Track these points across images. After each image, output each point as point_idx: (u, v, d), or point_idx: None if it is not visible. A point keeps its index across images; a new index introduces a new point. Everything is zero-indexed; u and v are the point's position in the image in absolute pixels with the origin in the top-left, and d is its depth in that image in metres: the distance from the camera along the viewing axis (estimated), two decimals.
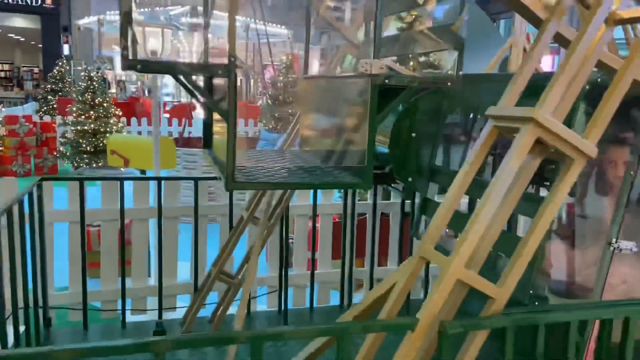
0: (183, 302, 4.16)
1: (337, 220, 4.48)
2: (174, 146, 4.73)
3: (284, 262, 3.85)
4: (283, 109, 10.65)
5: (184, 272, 4.09)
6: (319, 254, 4.35)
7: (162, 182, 3.49)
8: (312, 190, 3.97)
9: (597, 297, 2.07)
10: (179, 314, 4.02)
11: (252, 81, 21.10)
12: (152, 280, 4.10)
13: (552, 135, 1.36)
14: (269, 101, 11.38)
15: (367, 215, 4.30)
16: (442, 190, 3.60)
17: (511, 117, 1.42)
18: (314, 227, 3.88)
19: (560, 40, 1.57)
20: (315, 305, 4.19)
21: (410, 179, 3.19)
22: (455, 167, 3.19)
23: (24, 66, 28.96)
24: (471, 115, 3.07)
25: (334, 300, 4.39)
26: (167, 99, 16.00)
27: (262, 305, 4.15)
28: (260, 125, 12.72)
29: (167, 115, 14.53)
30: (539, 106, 1.36)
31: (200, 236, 3.81)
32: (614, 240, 2.10)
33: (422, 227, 3.54)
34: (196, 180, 3.52)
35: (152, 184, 3.79)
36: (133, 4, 1.57)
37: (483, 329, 1.38)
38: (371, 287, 4.17)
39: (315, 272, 4.30)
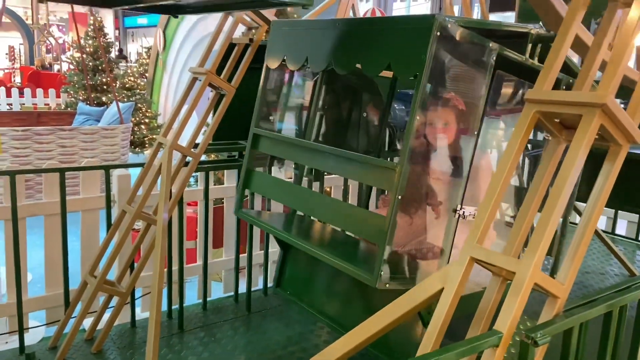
0: (35, 321, 3.40)
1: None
2: None
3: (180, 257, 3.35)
4: (97, 78, 9.36)
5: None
6: (198, 244, 3.92)
7: (16, 176, 2.67)
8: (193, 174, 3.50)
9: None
10: (32, 336, 3.27)
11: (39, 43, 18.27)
12: None
13: (614, 121, 1.30)
14: (77, 68, 9.91)
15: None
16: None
17: (568, 103, 1.32)
18: (207, 214, 3.42)
19: None
20: (196, 300, 3.78)
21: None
22: (280, 129, 2.82)
23: None
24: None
25: (217, 292, 4.03)
26: None
27: (138, 310, 3.59)
28: (64, 97, 11.09)
29: None
30: (605, 91, 1.28)
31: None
32: (458, 206, 1.99)
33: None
34: (107, 168, 2.77)
35: None
36: None
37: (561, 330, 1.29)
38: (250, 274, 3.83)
39: (194, 265, 3.87)
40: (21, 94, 11.69)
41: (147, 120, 9.78)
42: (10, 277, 3.08)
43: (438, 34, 1.78)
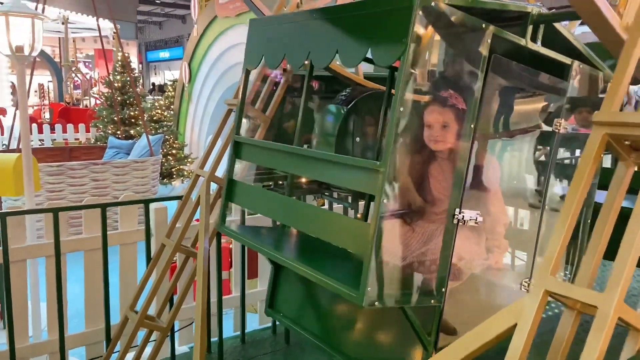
0: (73, 358, 3.37)
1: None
2: (37, 164, 3.81)
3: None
4: (126, 112, 9.53)
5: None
6: (233, 275, 3.88)
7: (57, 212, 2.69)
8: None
9: (445, 281, 1.76)
10: None
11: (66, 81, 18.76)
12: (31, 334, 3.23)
13: None
14: (106, 103, 10.10)
15: None
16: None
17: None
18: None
19: None
20: (233, 333, 3.72)
21: None
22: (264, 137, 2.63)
23: None
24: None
25: (252, 324, 3.96)
26: None
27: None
28: (93, 131, 11.32)
29: None
30: None
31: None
32: (457, 210, 1.75)
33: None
34: (147, 202, 2.80)
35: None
36: None
37: None
38: None
39: (229, 296, 3.82)
40: (52, 129, 11.97)
41: (174, 152, 9.89)
42: (51, 314, 3.07)
43: (420, 13, 1.58)
